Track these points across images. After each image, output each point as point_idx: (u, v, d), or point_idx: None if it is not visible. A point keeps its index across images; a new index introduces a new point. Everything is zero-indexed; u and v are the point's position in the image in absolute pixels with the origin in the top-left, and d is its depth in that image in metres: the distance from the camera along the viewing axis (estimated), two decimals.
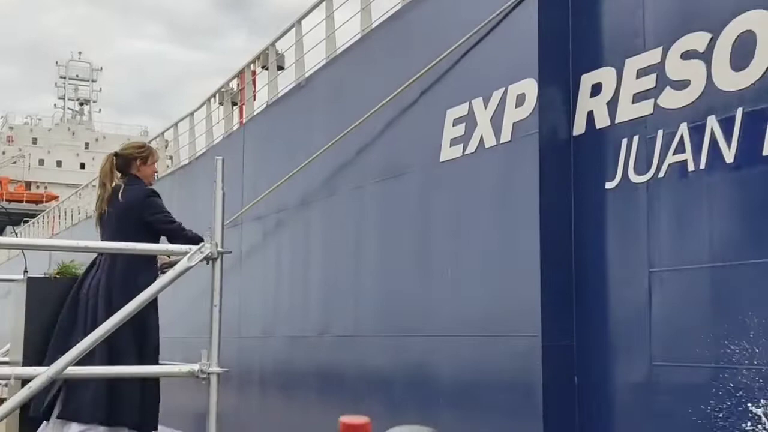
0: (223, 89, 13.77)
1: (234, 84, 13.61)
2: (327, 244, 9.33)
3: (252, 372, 10.61)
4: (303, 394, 9.47)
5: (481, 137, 6.92)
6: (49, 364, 3.60)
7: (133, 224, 4.72)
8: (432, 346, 7.31)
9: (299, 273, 9.83)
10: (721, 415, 5.17)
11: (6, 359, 5.66)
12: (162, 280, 3.47)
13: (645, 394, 5.70)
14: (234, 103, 13.62)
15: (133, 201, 4.88)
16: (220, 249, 3.49)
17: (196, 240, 4.18)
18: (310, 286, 9.58)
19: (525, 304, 6.26)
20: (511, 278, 6.47)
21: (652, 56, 5.83)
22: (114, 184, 5.03)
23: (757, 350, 4.88)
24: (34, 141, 53.96)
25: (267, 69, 12.02)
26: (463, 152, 7.12)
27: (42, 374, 3.21)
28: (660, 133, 5.72)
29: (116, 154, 5.16)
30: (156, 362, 4.65)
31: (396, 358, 7.83)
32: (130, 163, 5.14)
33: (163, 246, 3.92)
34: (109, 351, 4.26)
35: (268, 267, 10.65)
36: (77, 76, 54.25)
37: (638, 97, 5.92)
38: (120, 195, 4.91)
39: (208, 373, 3.39)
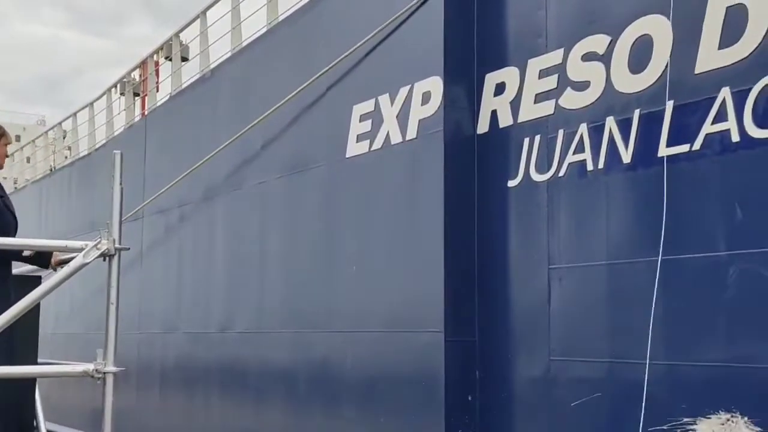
0: (124, 79, 13.43)
1: (136, 74, 13.28)
2: (231, 238, 9.20)
3: (152, 369, 10.39)
4: (205, 391, 9.33)
5: (388, 133, 6.94)
6: None
7: None
8: (337, 342, 7.31)
9: (202, 268, 9.67)
10: (615, 408, 5.33)
11: None
12: (57, 276, 3.35)
13: (543, 387, 5.83)
14: (136, 94, 13.30)
15: None
16: (117, 246, 3.38)
17: None
18: (213, 281, 9.43)
19: (429, 300, 6.32)
20: (416, 275, 6.51)
21: (554, 57, 5.95)
22: None
23: (650, 345, 5.05)
24: None
25: (171, 60, 11.77)
26: (370, 148, 7.13)
27: None
28: (561, 132, 5.85)
29: None
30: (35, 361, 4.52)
31: (300, 354, 7.79)
32: None
33: (60, 242, 3.78)
34: None
35: (170, 261, 10.44)
36: None
37: (540, 97, 6.04)
38: None
39: (104, 373, 3.28)
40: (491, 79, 6.42)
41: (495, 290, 6.23)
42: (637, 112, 5.35)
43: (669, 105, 5.14)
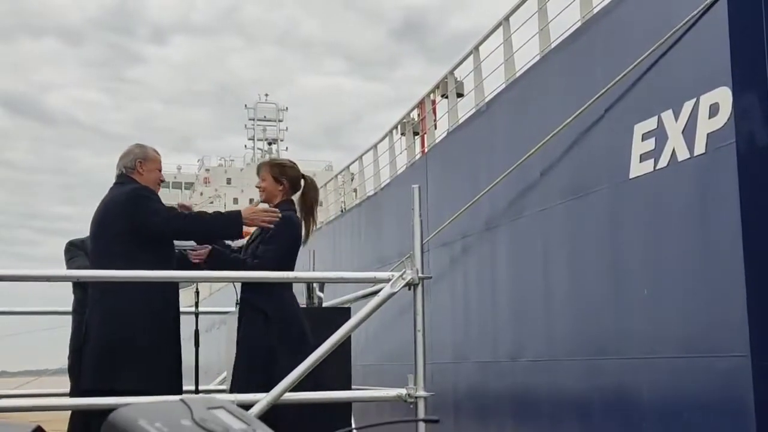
0: (404, 120, 14.09)
1: (415, 114, 13.88)
2: (515, 266, 9.29)
3: (445, 398, 10.68)
4: (498, 420, 9.42)
5: (674, 150, 6.70)
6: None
7: None
8: (631, 369, 7.09)
9: (488, 297, 9.84)
10: None
11: (222, 387, 6.02)
12: (367, 307, 3.60)
13: None
14: (416, 133, 13.89)
15: None
16: (420, 275, 3.58)
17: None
18: (499, 310, 9.55)
19: (731, 322, 5.96)
20: (714, 296, 6.18)
21: None
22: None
23: None
24: (228, 181, 57.14)
25: (446, 97, 12.18)
26: (655, 167, 6.91)
27: (262, 400, 3.40)
28: None
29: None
30: (348, 387, 4.77)
31: (593, 382, 7.65)
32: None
33: (369, 273, 4.06)
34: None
35: (456, 292, 10.73)
36: (265, 117, 57.13)
37: None
38: None
39: (416, 398, 3.46)
40: None
41: None
42: None
43: None
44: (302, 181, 5.19)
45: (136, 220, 4.40)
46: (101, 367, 4.18)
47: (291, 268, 4.67)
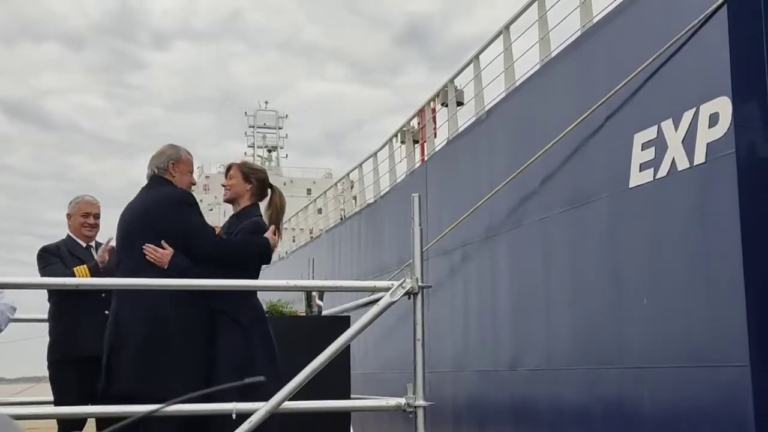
0: (404, 128, 14.10)
1: (414, 122, 13.90)
2: (514, 275, 9.28)
3: (445, 406, 10.65)
4: (498, 430, 9.39)
5: (673, 160, 6.70)
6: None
7: None
8: (631, 378, 7.08)
9: (488, 305, 9.82)
10: None
11: None
12: (366, 316, 3.60)
13: None
14: (415, 141, 13.90)
15: None
16: (420, 284, 3.57)
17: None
18: (499, 318, 9.54)
19: (731, 332, 5.95)
20: (714, 305, 6.17)
21: None
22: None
23: None
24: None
25: (446, 105, 12.19)
26: (654, 176, 6.91)
27: (261, 409, 3.39)
28: None
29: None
30: (348, 396, 4.72)
31: (593, 391, 7.63)
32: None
33: (368, 282, 4.05)
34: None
35: (455, 300, 10.71)
36: (264, 124, 57.07)
37: None
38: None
39: (415, 407, 3.45)
40: None
41: None
42: None
43: None
44: (269, 190, 5.02)
45: (183, 229, 4.35)
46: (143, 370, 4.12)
47: (254, 274, 4.56)
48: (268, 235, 4.55)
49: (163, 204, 4.45)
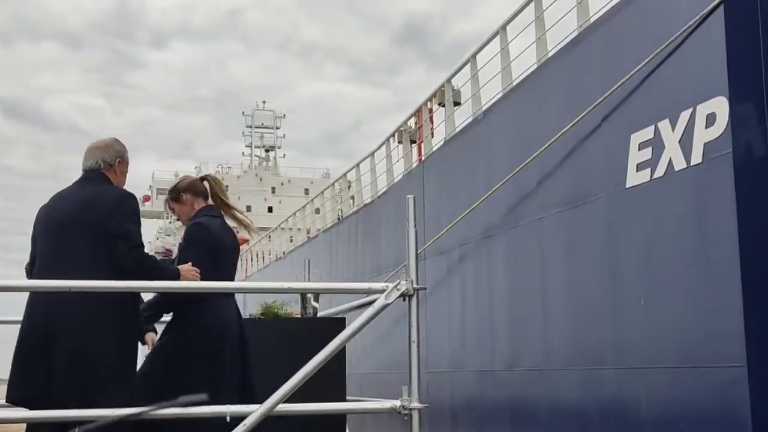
0: (401, 128, 14.08)
1: (412, 122, 13.88)
2: (512, 275, 9.27)
3: (442, 406, 10.64)
4: (495, 430, 9.39)
5: (670, 160, 6.69)
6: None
7: None
8: (628, 379, 7.07)
9: (485, 305, 9.81)
10: None
11: None
12: (362, 318, 3.58)
13: None
14: (413, 141, 13.89)
15: None
16: (415, 285, 3.56)
17: None
18: (496, 318, 9.53)
19: (727, 332, 5.95)
20: (711, 305, 6.16)
21: None
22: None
23: None
24: (226, 188, 56.94)
25: (443, 106, 12.18)
26: (651, 176, 6.90)
27: (255, 412, 3.38)
28: None
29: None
30: (343, 398, 4.70)
31: (590, 392, 7.62)
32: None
33: (363, 284, 4.03)
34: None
35: (453, 300, 10.70)
36: (262, 124, 57.08)
37: None
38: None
39: (410, 409, 3.44)
40: None
41: None
42: None
43: None
44: (205, 183, 4.89)
45: (121, 233, 4.08)
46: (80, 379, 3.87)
47: (216, 272, 4.40)
48: (184, 268, 4.34)
49: (119, 203, 4.19)
